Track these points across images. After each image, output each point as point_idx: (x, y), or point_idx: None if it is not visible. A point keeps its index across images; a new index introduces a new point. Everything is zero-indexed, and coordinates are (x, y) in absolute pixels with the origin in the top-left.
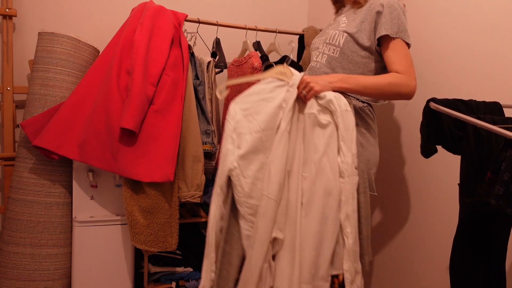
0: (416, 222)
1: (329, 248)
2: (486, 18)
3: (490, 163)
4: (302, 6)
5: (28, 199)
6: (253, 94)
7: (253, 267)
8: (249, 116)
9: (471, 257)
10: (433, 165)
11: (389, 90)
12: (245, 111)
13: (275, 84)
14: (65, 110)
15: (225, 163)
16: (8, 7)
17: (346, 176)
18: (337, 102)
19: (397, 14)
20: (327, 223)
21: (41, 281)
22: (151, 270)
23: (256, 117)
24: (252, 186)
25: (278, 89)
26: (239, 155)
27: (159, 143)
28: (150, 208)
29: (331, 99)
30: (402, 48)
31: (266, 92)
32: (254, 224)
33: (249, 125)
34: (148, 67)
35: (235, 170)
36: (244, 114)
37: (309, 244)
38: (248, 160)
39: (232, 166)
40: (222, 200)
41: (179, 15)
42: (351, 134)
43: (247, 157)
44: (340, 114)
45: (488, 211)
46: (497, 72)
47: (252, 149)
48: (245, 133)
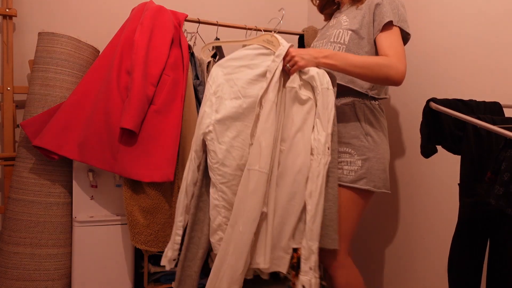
0: (416, 222)
1: (292, 223)
2: (486, 18)
3: (490, 163)
4: (302, 6)
5: (28, 199)
6: (236, 59)
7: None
8: (231, 81)
9: (471, 257)
10: (433, 165)
11: (378, 70)
12: (227, 75)
13: (260, 51)
14: (65, 110)
15: (200, 126)
16: (8, 7)
17: (315, 154)
18: (319, 79)
19: (396, 5)
20: (294, 198)
21: (41, 281)
22: (151, 270)
23: (237, 82)
24: (226, 153)
25: (261, 57)
26: (216, 119)
27: (159, 143)
28: (150, 208)
29: (313, 76)
30: (397, 37)
31: (249, 58)
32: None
33: (230, 90)
34: (148, 67)
35: (210, 134)
36: (226, 79)
37: (276, 215)
38: (225, 125)
39: (207, 130)
40: (196, 165)
41: (179, 15)
42: (329, 113)
43: (225, 122)
44: (321, 91)
45: (488, 211)
46: (497, 72)
47: (230, 115)
48: (225, 98)
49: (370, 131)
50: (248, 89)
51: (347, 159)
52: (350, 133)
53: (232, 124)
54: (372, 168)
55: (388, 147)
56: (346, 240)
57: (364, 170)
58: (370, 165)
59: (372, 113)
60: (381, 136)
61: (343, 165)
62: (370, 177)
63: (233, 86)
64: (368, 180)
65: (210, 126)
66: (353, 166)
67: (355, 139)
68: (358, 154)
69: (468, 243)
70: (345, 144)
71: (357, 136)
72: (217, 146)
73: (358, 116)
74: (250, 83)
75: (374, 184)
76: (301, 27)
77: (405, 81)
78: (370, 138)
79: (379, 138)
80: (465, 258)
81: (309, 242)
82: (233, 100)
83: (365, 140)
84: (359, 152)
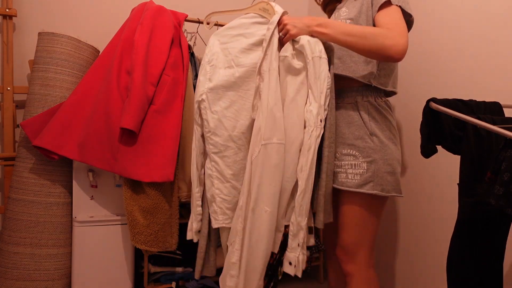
0: (415, 221)
1: (285, 200)
2: (486, 18)
3: (490, 163)
4: (302, 6)
5: (28, 199)
6: (232, 27)
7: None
8: (226, 50)
9: (470, 257)
10: (433, 165)
11: (372, 39)
12: (223, 44)
13: (255, 20)
14: (65, 110)
15: (196, 94)
16: (8, 7)
17: (307, 126)
18: (310, 47)
19: None
20: (287, 172)
21: (41, 281)
22: (151, 270)
23: (232, 51)
24: (218, 123)
25: (257, 25)
26: (208, 88)
27: (159, 143)
28: (150, 208)
29: (304, 44)
30: (398, 15)
31: (245, 27)
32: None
33: (225, 59)
34: (148, 67)
35: (203, 103)
36: (221, 48)
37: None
38: (218, 95)
39: (200, 99)
40: (200, 134)
41: (179, 15)
42: (321, 84)
43: (217, 91)
44: (311, 60)
45: (488, 211)
46: (497, 72)
47: (223, 84)
48: (219, 67)
49: (376, 131)
50: (242, 58)
51: (352, 162)
52: (354, 134)
53: (225, 94)
54: (379, 171)
55: (397, 147)
56: (363, 250)
57: (370, 173)
58: (377, 168)
59: (378, 111)
60: (388, 135)
61: (347, 168)
62: (378, 180)
63: (227, 55)
64: (375, 183)
65: (204, 94)
66: (358, 169)
67: (359, 140)
68: (363, 156)
69: (468, 243)
70: (349, 145)
71: (361, 136)
72: (210, 115)
73: (362, 115)
74: (243, 52)
75: (382, 188)
76: None
77: (406, 81)
78: (376, 138)
79: (386, 138)
80: (465, 258)
81: (298, 218)
82: (226, 69)
83: (370, 140)
84: (364, 154)
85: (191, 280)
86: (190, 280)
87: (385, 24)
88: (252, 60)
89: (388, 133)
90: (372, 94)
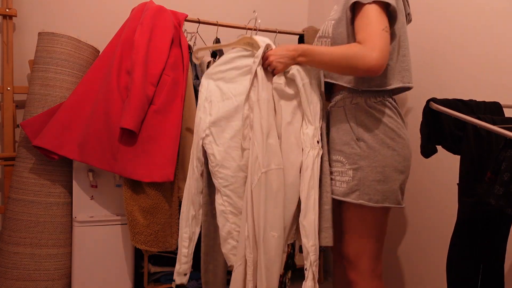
0: (415, 221)
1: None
2: (486, 18)
3: (490, 163)
4: (302, 6)
5: (28, 199)
6: (222, 64)
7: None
8: (220, 85)
9: (470, 257)
10: (433, 165)
11: (345, 64)
12: (216, 81)
13: (241, 53)
14: (65, 110)
15: (198, 133)
16: (8, 7)
17: (304, 147)
18: (300, 75)
19: None
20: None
21: (41, 281)
22: (151, 270)
23: (227, 84)
24: (225, 154)
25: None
26: (210, 121)
27: (159, 143)
28: (150, 208)
29: (294, 73)
30: (369, 16)
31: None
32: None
33: (221, 92)
34: (148, 67)
35: (208, 138)
36: (215, 84)
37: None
38: (221, 127)
39: (204, 135)
40: (199, 173)
41: (179, 15)
42: (315, 107)
43: (220, 124)
44: (302, 87)
45: (488, 211)
46: (497, 72)
47: (225, 115)
48: (218, 101)
49: (364, 136)
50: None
51: (339, 169)
52: (342, 139)
53: (228, 125)
54: (365, 179)
55: (395, 152)
56: (365, 259)
57: (356, 181)
58: (363, 175)
59: (368, 113)
60: (382, 139)
61: (336, 175)
62: (364, 189)
63: (222, 88)
64: (362, 193)
65: (207, 130)
66: (344, 176)
67: (346, 145)
68: (349, 163)
69: (468, 243)
70: (338, 151)
71: (348, 142)
72: (215, 148)
73: (349, 119)
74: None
75: (369, 198)
76: (301, 27)
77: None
78: (364, 144)
79: (377, 142)
80: (464, 258)
81: (303, 239)
82: (225, 101)
83: (357, 146)
84: (350, 160)
85: (191, 280)
86: (190, 280)
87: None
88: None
89: (382, 137)
90: (362, 96)
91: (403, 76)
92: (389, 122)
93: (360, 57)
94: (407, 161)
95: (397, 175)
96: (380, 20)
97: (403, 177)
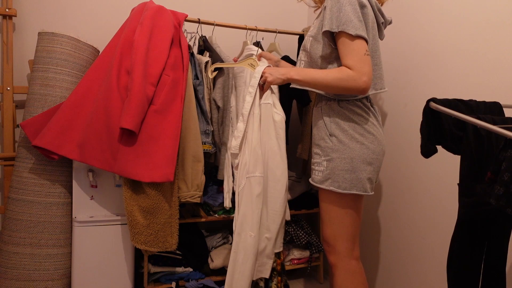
0: (415, 221)
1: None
2: (486, 18)
3: (490, 163)
4: (302, 6)
5: (28, 199)
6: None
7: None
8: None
9: (470, 257)
10: (433, 165)
11: (337, 85)
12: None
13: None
14: (65, 110)
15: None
16: (8, 7)
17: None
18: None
19: (339, 7)
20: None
21: (41, 281)
22: (151, 270)
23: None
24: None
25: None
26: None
27: (159, 143)
28: (150, 208)
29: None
30: (349, 41)
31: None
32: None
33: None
34: (148, 67)
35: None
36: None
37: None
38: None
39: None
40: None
41: (179, 15)
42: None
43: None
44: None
45: (488, 211)
46: (497, 72)
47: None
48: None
49: (335, 132)
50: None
51: (316, 160)
52: (318, 135)
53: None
54: (335, 169)
55: (364, 146)
56: (342, 242)
57: (328, 170)
58: (334, 166)
59: (339, 113)
60: (352, 135)
61: (315, 166)
62: (334, 177)
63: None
64: (333, 180)
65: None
66: (320, 166)
67: (321, 140)
68: (324, 155)
69: (468, 243)
70: (316, 145)
71: (323, 137)
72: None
73: (324, 117)
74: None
75: (338, 185)
76: (301, 27)
77: (406, 81)
78: (335, 139)
79: (346, 138)
80: (465, 257)
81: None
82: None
83: (330, 140)
84: (324, 153)
85: (191, 280)
86: (190, 280)
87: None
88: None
89: (352, 133)
90: (335, 99)
91: (375, 83)
92: (359, 120)
93: (352, 81)
94: (376, 154)
95: (364, 166)
96: (360, 46)
97: (371, 168)
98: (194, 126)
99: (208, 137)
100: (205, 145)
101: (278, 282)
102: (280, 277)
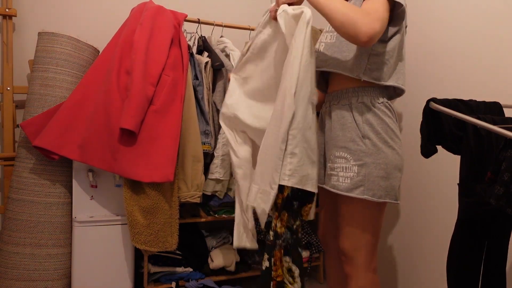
0: (415, 221)
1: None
2: (486, 18)
3: (490, 163)
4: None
5: (28, 199)
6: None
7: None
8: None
9: (470, 256)
10: (433, 165)
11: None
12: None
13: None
14: (65, 110)
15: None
16: (8, 7)
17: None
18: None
19: None
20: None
21: (41, 281)
22: (151, 270)
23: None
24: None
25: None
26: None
27: (159, 143)
28: (150, 208)
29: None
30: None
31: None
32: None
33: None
34: (148, 67)
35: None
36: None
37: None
38: None
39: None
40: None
41: (179, 15)
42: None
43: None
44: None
45: (488, 211)
46: (497, 72)
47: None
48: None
49: (369, 134)
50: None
51: (343, 165)
52: (346, 136)
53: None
54: (370, 175)
55: (395, 152)
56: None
57: (360, 177)
58: (368, 172)
59: (373, 113)
60: (384, 139)
61: (339, 171)
62: (368, 185)
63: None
64: (366, 188)
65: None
66: (348, 172)
67: (351, 142)
68: (354, 159)
69: (468, 242)
70: (341, 148)
71: (353, 139)
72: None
73: (355, 116)
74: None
75: (373, 193)
76: None
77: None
78: (369, 141)
79: (380, 141)
80: (465, 257)
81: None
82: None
83: (362, 143)
84: (355, 157)
85: (191, 280)
86: (190, 280)
87: (365, 7)
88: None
89: (384, 136)
90: (367, 95)
91: (398, 77)
92: (390, 123)
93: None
94: (403, 160)
95: (396, 172)
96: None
97: (400, 176)
98: (194, 126)
99: (208, 137)
100: (205, 145)
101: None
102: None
